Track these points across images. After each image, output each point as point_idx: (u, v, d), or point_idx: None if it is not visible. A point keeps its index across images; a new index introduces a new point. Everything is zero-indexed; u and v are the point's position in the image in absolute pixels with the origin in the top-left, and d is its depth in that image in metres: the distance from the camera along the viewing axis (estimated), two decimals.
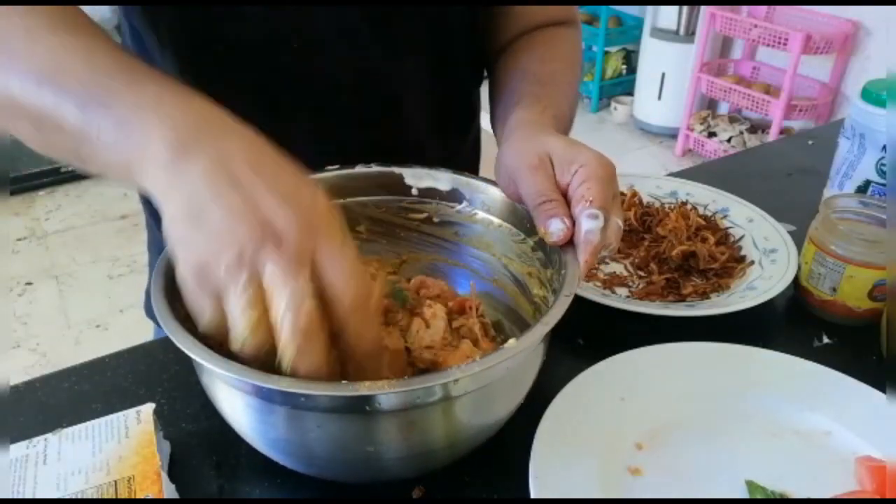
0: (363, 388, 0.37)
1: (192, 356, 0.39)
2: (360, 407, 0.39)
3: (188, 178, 0.38)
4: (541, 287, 0.54)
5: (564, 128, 0.62)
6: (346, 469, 0.45)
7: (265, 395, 0.40)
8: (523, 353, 0.42)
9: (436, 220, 0.58)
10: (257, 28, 0.60)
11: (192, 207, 0.37)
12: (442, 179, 0.58)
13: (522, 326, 0.55)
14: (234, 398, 0.42)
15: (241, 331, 0.37)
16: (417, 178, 0.58)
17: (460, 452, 0.46)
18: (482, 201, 0.57)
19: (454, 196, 0.58)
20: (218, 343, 0.39)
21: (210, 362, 0.38)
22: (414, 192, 0.58)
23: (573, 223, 0.47)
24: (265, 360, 0.38)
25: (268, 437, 0.43)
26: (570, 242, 0.47)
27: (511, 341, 0.40)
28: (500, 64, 0.70)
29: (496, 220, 0.57)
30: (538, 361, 0.47)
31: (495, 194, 0.56)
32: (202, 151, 0.39)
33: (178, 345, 0.39)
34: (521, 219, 0.54)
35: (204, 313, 0.38)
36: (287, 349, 0.36)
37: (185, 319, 0.40)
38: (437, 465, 0.47)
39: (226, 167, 0.38)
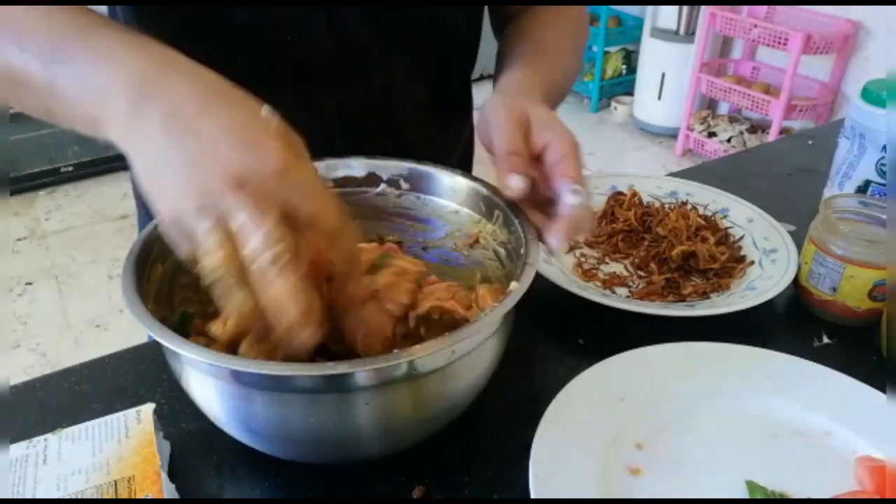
0: (277, 368, 0.38)
1: (158, 338, 0.40)
2: (280, 385, 0.40)
3: (147, 132, 0.39)
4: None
5: (556, 93, 0.64)
6: (289, 447, 0.46)
7: (217, 374, 0.41)
8: (465, 344, 0.42)
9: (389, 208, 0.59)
10: (250, 22, 0.60)
11: (154, 159, 0.39)
12: (355, 167, 0.59)
13: None
14: (198, 380, 0.43)
15: (210, 270, 0.38)
16: (331, 169, 0.58)
17: (409, 438, 0.47)
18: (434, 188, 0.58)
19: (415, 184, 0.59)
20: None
21: (172, 343, 0.39)
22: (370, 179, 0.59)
23: (529, 185, 0.49)
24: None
25: (230, 416, 0.44)
26: (526, 247, 0.48)
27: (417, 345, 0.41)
28: (504, 34, 0.72)
29: (454, 206, 0.58)
30: (487, 360, 0.47)
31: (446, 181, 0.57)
32: (157, 102, 0.40)
33: (146, 326, 0.40)
34: (477, 202, 0.56)
35: (182, 252, 0.40)
36: (268, 281, 0.37)
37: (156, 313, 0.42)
38: (403, 445, 0.47)
39: (180, 115, 0.39)
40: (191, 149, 0.38)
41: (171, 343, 0.39)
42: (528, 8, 0.73)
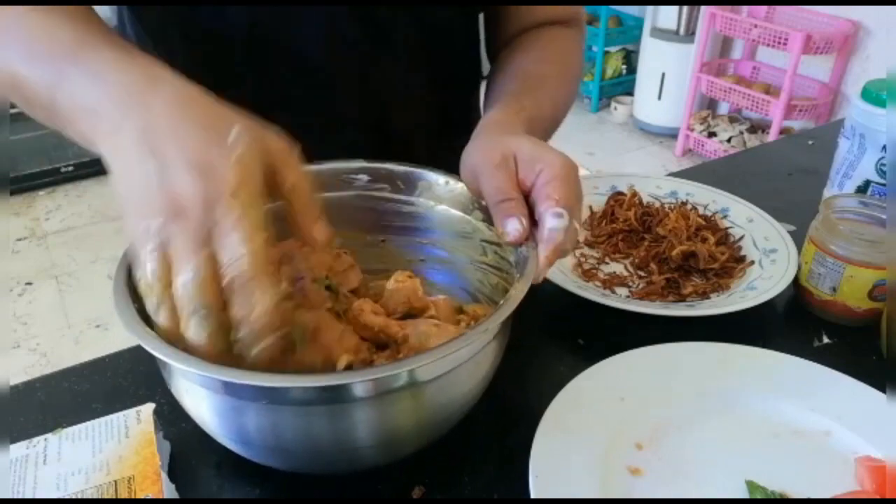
0: (272, 380, 0.37)
1: (148, 347, 0.39)
2: (276, 396, 0.39)
3: (124, 149, 0.40)
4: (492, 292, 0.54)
5: (542, 130, 0.62)
6: (284, 459, 0.45)
7: (206, 384, 0.41)
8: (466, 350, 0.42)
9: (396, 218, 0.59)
10: (243, 26, 0.60)
11: (125, 177, 0.40)
12: (352, 169, 0.58)
13: None
14: (189, 389, 0.43)
15: (141, 290, 0.39)
16: (326, 170, 0.58)
17: (404, 447, 0.46)
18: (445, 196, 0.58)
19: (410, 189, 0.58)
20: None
21: (166, 355, 0.38)
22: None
23: (530, 224, 0.47)
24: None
25: (220, 426, 0.44)
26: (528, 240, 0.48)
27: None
28: (497, 61, 0.70)
29: (461, 214, 0.57)
30: (488, 364, 0.47)
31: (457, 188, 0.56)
32: (134, 120, 0.40)
33: (141, 342, 0.39)
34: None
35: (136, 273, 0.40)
36: (184, 322, 0.37)
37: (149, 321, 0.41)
38: (401, 454, 0.47)
39: (149, 135, 0.39)
40: (148, 170, 0.38)
41: (161, 353, 0.38)
42: (522, 37, 0.70)
